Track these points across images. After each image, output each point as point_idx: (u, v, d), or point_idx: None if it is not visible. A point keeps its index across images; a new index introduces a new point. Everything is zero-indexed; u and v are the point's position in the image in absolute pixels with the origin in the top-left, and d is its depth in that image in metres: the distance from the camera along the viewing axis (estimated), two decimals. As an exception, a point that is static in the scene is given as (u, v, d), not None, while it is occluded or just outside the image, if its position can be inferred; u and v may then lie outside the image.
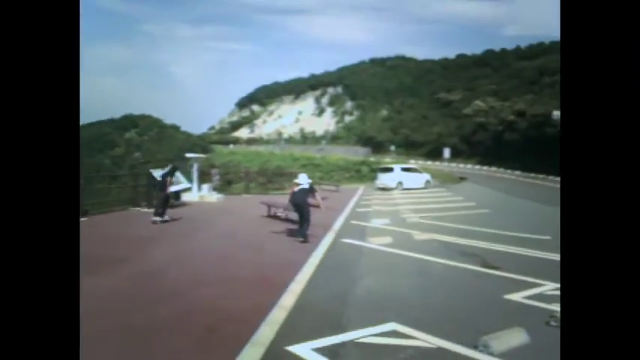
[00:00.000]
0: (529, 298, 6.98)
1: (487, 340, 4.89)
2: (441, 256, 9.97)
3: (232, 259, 9.22)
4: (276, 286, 7.18)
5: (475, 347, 4.89)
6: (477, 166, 64.70)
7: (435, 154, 72.58)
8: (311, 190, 11.89)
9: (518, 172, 52.84)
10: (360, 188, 32.22)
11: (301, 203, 11.49)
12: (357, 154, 78.39)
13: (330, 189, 28.54)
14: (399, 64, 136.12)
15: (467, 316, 6.18)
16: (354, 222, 15.11)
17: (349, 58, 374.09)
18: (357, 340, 5.11)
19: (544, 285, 7.62)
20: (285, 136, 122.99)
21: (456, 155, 60.45)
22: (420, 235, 12.53)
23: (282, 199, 19.39)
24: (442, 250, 10.83)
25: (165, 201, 14.21)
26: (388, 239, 11.83)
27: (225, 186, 28.64)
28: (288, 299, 6.57)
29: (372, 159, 61.66)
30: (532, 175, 49.42)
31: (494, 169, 59.50)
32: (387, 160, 57.85)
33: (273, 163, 53.88)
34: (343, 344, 5.00)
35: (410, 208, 19.93)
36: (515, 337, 5.07)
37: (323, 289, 7.32)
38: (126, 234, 12.09)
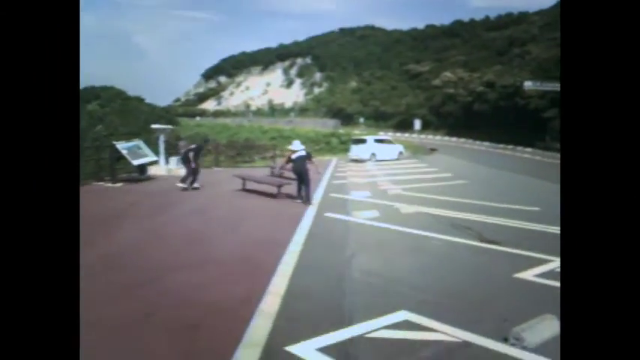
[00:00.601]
0: (540, 276, 6.39)
1: (519, 332, 4.21)
2: (433, 230, 9.33)
3: (210, 238, 8.30)
4: (263, 269, 6.37)
5: (505, 340, 4.21)
6: (446, 137, 64.68)
7: (404, 126, 72.30)
8: (308, 157, 12.63)
9: (487, 143, 53.10)
10: (333, 160, 31.44)
11: (301, 169, 12.25)
12: (326, 126, 77.46)
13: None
14: (368, 33, 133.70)
15: (480, 300, 5.53)
16: (333, 195, 14.32)
17: (318, 28, 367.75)
18: (367, 336, 4.35)
19: (551, 261, 7.05)
20: (253, 108, 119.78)
21: (425, 126, 60.14)
22: (406, 209, 11.86)
23: (256, 172, 18.49)
24: (432, 223, 10.19)
25: (194, 173, 14.30)
26: (375, 213, 11.12)
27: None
28: (278, 285, 5.76)
29: (341, 131, 60.99)
30: (501, 146, 49.71)
31: (462, 140, 59.56)
32: (356, 132, 57.21)
33: (242, 136, 52.57)
34: (351, 341, 4.24)
35: (387, 179, 19.27)
36: (547, 327, 4.40)
37: (315, 271, 6.53)
38: (89, 211, 10.95)
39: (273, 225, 9.57)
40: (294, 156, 12.49)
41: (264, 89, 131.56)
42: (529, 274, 6.45)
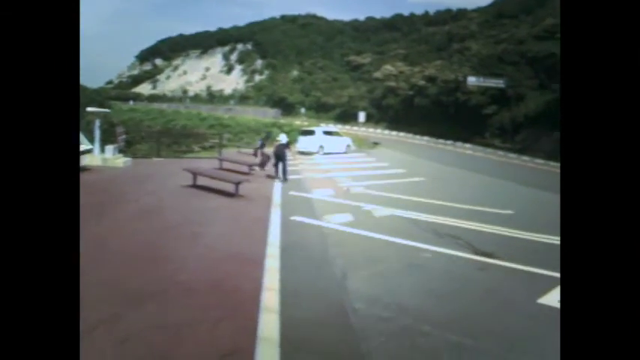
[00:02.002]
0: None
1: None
2: (418, 239, 8.40)
3: (166, 254, 6.82)
4: (239, 300, 5.10)
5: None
6: (387, 131, 64.82)
7: (345, 118, 71.92)
8: (287, 146, 16.48)
9: (427, 138, 53.48)
10: (280, 152, 30.13)
11: (282, 154, 15.67)
12: (266, 115, 75.53)
13: (250, 152, 26.11)
14: (311, 22, 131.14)
15: (516, 337, 4.59)
16: (293, 193, 13.12)
17: (258, 15, 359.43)
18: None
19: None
20: (191, 93, 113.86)
21: (366, 119, 59.92)
22: (379, 211, 10.87)
23: (208, 164, 16.85)
24: (413, 229, 9.28)
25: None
26: (348, 217, 10.04)
27: (125, 147, 24.99)
28: (269, 325, 4.52)
29: (282, 121, 59.51)
30: (441, 141, 50.18)
31: (403, 134, 59.79)
32: (297, 122, 56.02)
33: (179, 123, 49.75)
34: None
35: (344, 175, 18.28)
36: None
37: (308, 302, 5.34)
38: None
39: (238, 233, 8.25)
40: (277, 144, 16.11)
41: (203, 74, 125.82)
42: (553, 300, 5.62)
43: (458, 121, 52.63)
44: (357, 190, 14.30)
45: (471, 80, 46.46)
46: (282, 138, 16.62)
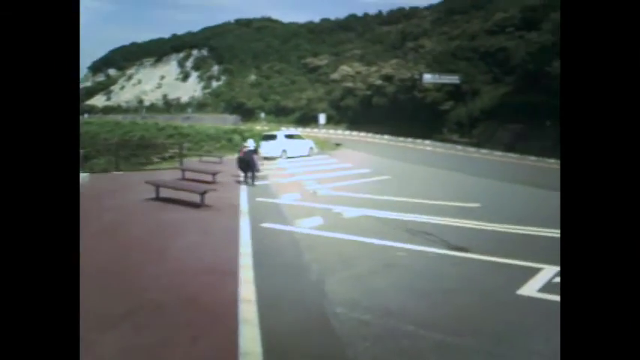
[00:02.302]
0: (545, 291, 5.64)
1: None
2: (390, 237, 8.39)
3: (133, 271, 6.53)
4: (216, 315, 4.93)
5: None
6: (347, 132, 65.10)
7: (305, 121, 71.88)
8: (255, 151, 17.04)
9: (387, 137, 54.00)
10: (242, 158, 29.77)
11: (249, 159, 16.15)
12: (226, 121, 74.58)
13: (212, 161, 25.67)
14: (266, 25, 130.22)
15: (500, 331, 4.60)
16: (260, 199, 12.92)
17: (212, 20, 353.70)
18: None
19: (540, 269, 6.38)
20: (147, 103, 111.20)
21: (326, 121, 60.13)
22: (349, 213, 10.82)
23: (170, 175, 16.42)
24: (384, 228, 9.28)
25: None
26: (318, 220, 9.95)
27: (81, 162, 24.03)
28: (248, 341, 4.36)
29: (243, 127, 58.87)
30: (401, 138, 50.73)
31: (363, 133, 60.18)
32: (257, 127, 55.47)
33: (136, 134, 48.43)
34: None
35: (309, 178, 18.18)
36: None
37: (287, 311, 5.19)
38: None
39: (208, 245, 8.02)
40: (245, 149, 16.43)
41: (158, 83, 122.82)
42: (531, 290, 5.68)
43: (416, 119, 53.45)
44: (324, 193, 14.23)
45: (427, 78, 47.28)
46: (250, 144, 17.02)
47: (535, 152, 30.95)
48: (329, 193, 14.13)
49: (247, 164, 16.05)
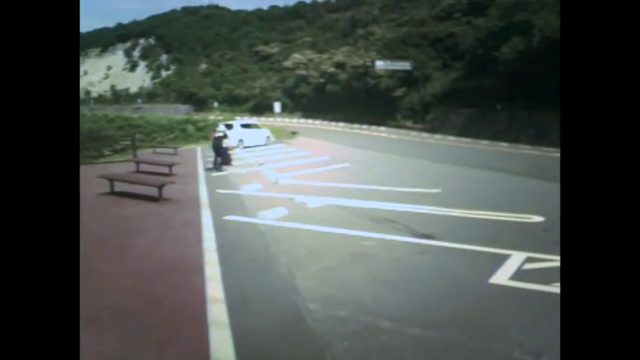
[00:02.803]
0: (517, 278, 5.67)
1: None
2: (356, 227, 8.31)
3: (91, 272, 6.10)
4: (183, 318, 4.68)
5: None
6: (302, 120, 64.78)
7: (260, 109, 71.02)
8: (224, 137, 18.19)
9: (342, 124, 54.05)
10: (197, 149, 29.04)
11: (219, 146, 17.58)
12: (178, 112, 72.74)
13: (167, 152, 24.87)
14: (214, 13, 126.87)
15: (477, 325, 4.56)
16: (221, 191, 12.56)
17: (155, 9, 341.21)
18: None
19: (508, 256, 6.43)
20: (95, 94, 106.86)
21: (281, 109, 59.60)
22: (313, 202, 10.65)
23: (124, 169, 15.69)
24: (350, 218, 9.19)
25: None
26: (282, 211, 9.74)
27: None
28: (220, 346, 4.13)
29: (196, 117, 57.50)
30: (356, 125, 50.90)
31: (318, 121, 60.06)
32: (211, 117, 54.32)
33: (84, 126, 46.42)
34: None
35: (269, 168, 17.89)
36: None
37: (259, 309, 5.00)
38: None
39: (170, 241, 7.67)
40: (215, 135, 18.14)
41: (105, 73, 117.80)
42: (502, 278, 5.71)
43: (370, 105, 53.74)
44: (285, 182, 14.00)
45: (379, 64, 47.44)
46: (221, 129, 19.16)
47: (487, 136, 31.69)
48: (291, 182, 13.91)
49: (217, 149, 17.52)
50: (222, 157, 17.55)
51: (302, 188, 12.90)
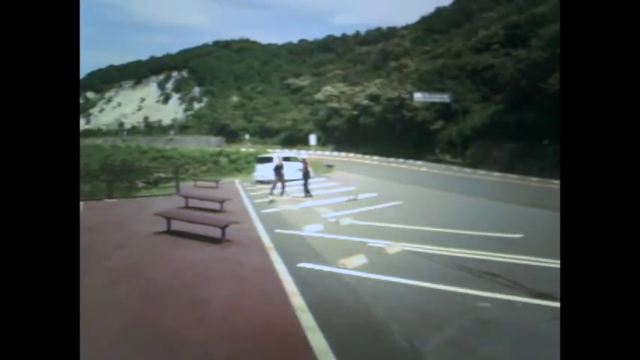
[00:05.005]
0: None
1: None
2: (454, 281, 7.23)
3: (166, 336, 5.21)
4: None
5: None
6: (335, 153, 64.12)
7: (292, 141, 70.94)
8: (282, 166, 20.58)
9: (377, 157, 53.06)
10: (236, 182, 28.47)
11: (281, 174, 19.94)
12: (209, 143, 73.24)
13: (208, 185, 24.31)
14: (245, 46, 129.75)
15: None
16: (280, 231, 11.68)
17: (189, 42, 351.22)
18: None
19: None
20: (128, 126, 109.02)
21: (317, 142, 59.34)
22: (390, 248, 9.59)
23: (169, 203, 14.97)
24: (441, 268, 8.13)
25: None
26: (362, 259, 8.71)
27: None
28: None
29: (229, 149, 57.52)
30: (392, 159, 49.80)
31: (352, 154, 59.24)
32: (242, 149, 54.18)
33: (118, 158, 46.73)
34: None
35: (319, 204, 16.99)
36: None
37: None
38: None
39: (250, 295, 6.71)
40: (278, 163, 20.66)
41: (139, 105, 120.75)
42: None
43: (405, 139, 52.88)
44: (345, 222, 13.03)
45: (417, 96, 46.77)
46: (279, 156, 20.10)
47: (535, 172, 30.31)
48: (351, 223, 12.93)
49: (280, 176, 19.83)
50: (282, 183, 19.78)
51: (365, 229, 11.92)
